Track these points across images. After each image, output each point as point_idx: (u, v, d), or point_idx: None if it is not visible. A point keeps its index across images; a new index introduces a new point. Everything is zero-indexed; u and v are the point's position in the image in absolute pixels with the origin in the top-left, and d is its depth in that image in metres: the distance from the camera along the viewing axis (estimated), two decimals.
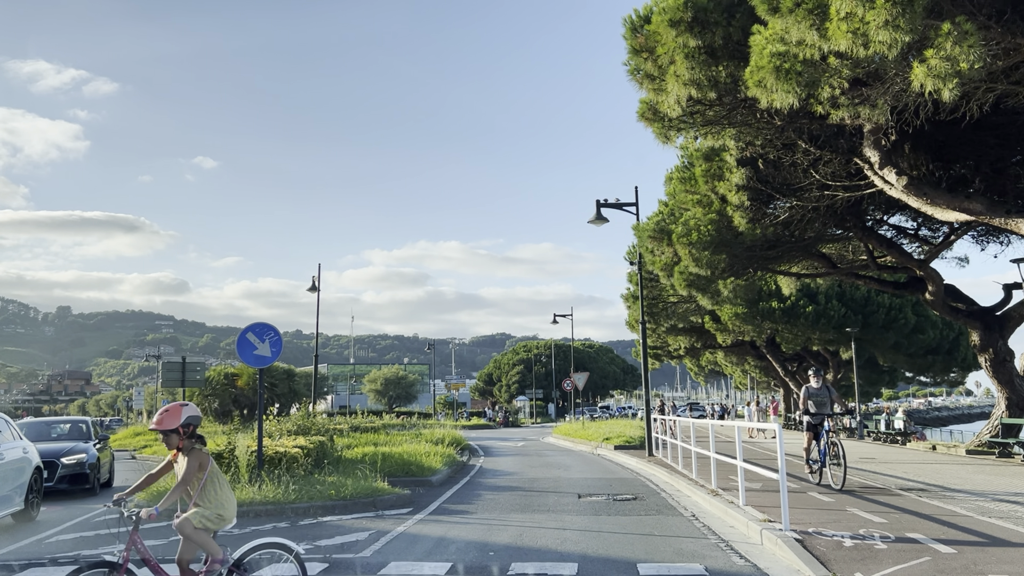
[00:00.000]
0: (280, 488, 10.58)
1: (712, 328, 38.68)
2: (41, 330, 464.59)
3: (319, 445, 13.39)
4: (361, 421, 27.09)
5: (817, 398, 12.85)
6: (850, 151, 17.23)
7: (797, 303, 37.00)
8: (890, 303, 37.92)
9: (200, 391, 46.59)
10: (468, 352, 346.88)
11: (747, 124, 16.54)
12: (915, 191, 14.49)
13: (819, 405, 12.81)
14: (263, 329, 11.32)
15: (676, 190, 20.74)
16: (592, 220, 21.64)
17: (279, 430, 14.98)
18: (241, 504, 10.28)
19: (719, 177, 18.78)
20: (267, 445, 12.18)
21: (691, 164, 20.55)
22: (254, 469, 11.02)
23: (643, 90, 14.48)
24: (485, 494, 12.88)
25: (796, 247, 20.99)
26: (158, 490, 11.13)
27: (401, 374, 72.93)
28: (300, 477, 11.38)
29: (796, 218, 18.71)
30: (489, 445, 29.33)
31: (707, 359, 60.12)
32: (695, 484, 13.17)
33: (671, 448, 18.29)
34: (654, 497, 12.41)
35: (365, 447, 17.38)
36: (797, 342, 38.59)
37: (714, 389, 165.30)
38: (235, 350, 11.45)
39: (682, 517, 10.19)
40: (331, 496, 10.63)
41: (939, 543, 7.42)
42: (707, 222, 18.67)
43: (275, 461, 11.36)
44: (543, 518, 10.10)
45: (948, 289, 23.21)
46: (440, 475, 14.87)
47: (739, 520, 9.27)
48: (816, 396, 12.86)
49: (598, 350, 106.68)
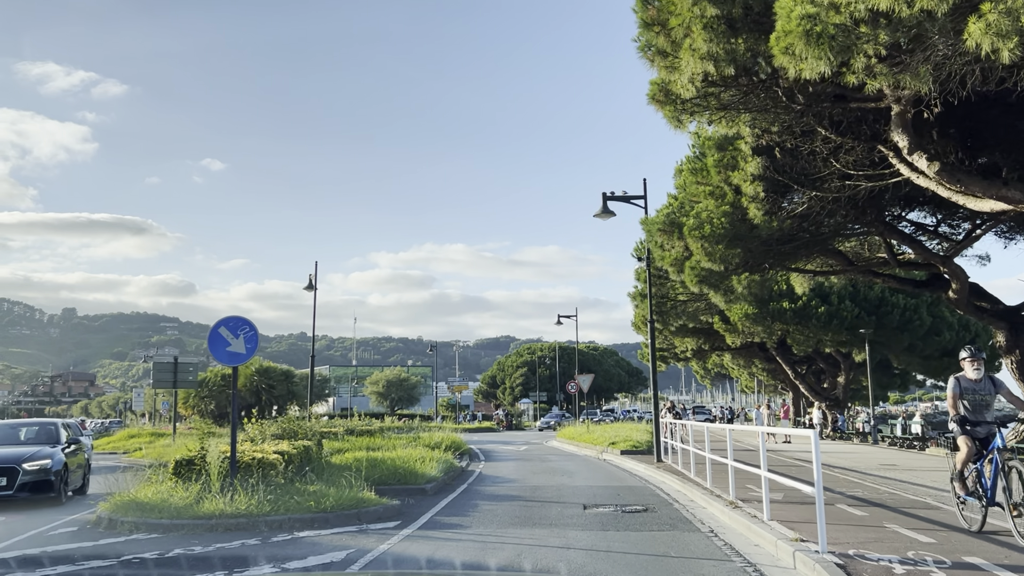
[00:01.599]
0: (254, 499, 9.57)
1: (721, 329, 37.59)
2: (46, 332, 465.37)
3: (303, 450, 12.38)
4: (357, 424, 26.09)
5: (975, 396, 8.23)
6: (873, 138, 16.18)
7: (809, 303, 35.90)
8: (905, 304, 36.79)
9: (196, 392, 45.75)
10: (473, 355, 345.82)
11: (764, 109, 15.52)
12: (948, 178, 13.42)
13: (978, 408, 8.23)
14: (237, 323, 10.31)
15: (686, 182, 19.70)
16: (598, 214, 20.63)
17: (263, 434, 13.97)
18: (209, 517, 9.27)
19: (733, 167, 17.74)
20: (244, 451, 11.17)
21: (703, 154, 19.52)
22: (227, 477, 10.01)
23: (654, 68, 13.47)
24: (482, 504, 11.84)
25: (813, 241, 19.93)
26: (122, 500, 10.15)
27: (403, 376, 71.95)
28: (279, 486, 10.37)
29: (815, 210, 17.65)
30: (490, 449, 28.29)
31: (714, 362, 59.05)
32: (710, 494, 12.12)
33: (682, 454, 17.24)
34: (666, 509, 11.36)
35: (356, 452, 16.36)
36: (808, 344, 37.46)
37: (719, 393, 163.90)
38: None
39: (699, 533, 9.14)
40: (310, 508, 9.61)
41: (1004, 570, 6.36)
42: (720, 214, 17.63)
43: (251, 468, 10.35)
44: (545, 534, 9.06)
45: (972, 288, 22.12)
46: (435, 483, 13.84)
47: (765, 538, 8.22)
48: (974, 393, 8.23)
49: (603, 352, 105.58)
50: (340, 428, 23.36)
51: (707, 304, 22.44)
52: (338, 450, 16.65)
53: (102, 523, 9.80)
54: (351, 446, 18.78)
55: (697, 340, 44.71)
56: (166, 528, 9.20)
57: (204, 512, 9.31)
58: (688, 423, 17.23)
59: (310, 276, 31.42)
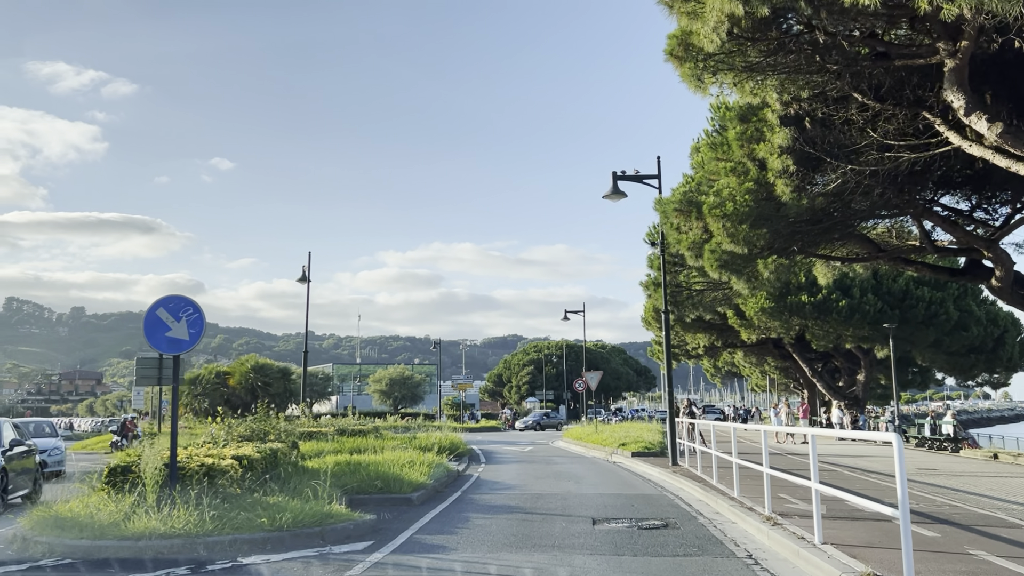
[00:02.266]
0: (195, 514, 7.91)
1: (736, 324, 35.83)
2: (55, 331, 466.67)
3: (269, 455, 10.73)
4: (351, 423, 24.45)
5: None
6: (917, 103, 14.42)
7: (829, 297, 34.09)
8: (930, 297, 34.89)
9: (190, 390, 44.25)
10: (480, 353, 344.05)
11: (796, 70, 13.81)
12: (1013, 140, 11.65)
13: None
14: (179, 304, 8.66)
15: (705, 159, 17.97)
16: (608, 195, 18.91)
17: (230, 434, 12.34)
18: (138, 537, 7.62)
19: (758, 139, 16.02)
20: (193, 455, 9.53)
21: (723, 127, 17.79)
22: (166, 488, 8.37)
23: (673, 16, 11.79)
24: (475, 518, 10.16)
25: (844, 223, 18.18)
26: (42, 515, 8.51)
27: (407, 374, 70.34)
28: (232, 498, 8.73)
29: (849, 187, 15.85)
30: (492, 450, 26.61)
31: (725, 359, 57.22)
32: (740, 506, 10.41)
33: (701, 457, 15.52)
34: (690, 524, 9.66)
35: (339, 455, 14.72)
36: (828, 339, 35.61)
37: (728, 392, 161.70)
38: (245, 350, 8.91)
39: (736, 559, 7.44)
40: (262, 526, 7.95)
41: None
42: (744, 192, 15.90)
43: (199, 477, 8.70)
44: (545, 560, 7.38)
45: (1016, 276, 20.30)
46: (423, 491, 12.16)
47: (824, 570, 6.51)
48: None
49: (611, 351, 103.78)
50: (331, 428, 21.69)
51: (725, 294, 20.71)
52: (318, 452, 15.00)
53: (16, 542, 8.18)
54: (339, 447, 17.14)
55: (709, 336, 42.90)
56: (85, 550, 7.56)
57: (132, 532, 7.67)
58: (710, 423, 15.49)
59: (303, 268, 29.83)
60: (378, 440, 19.49)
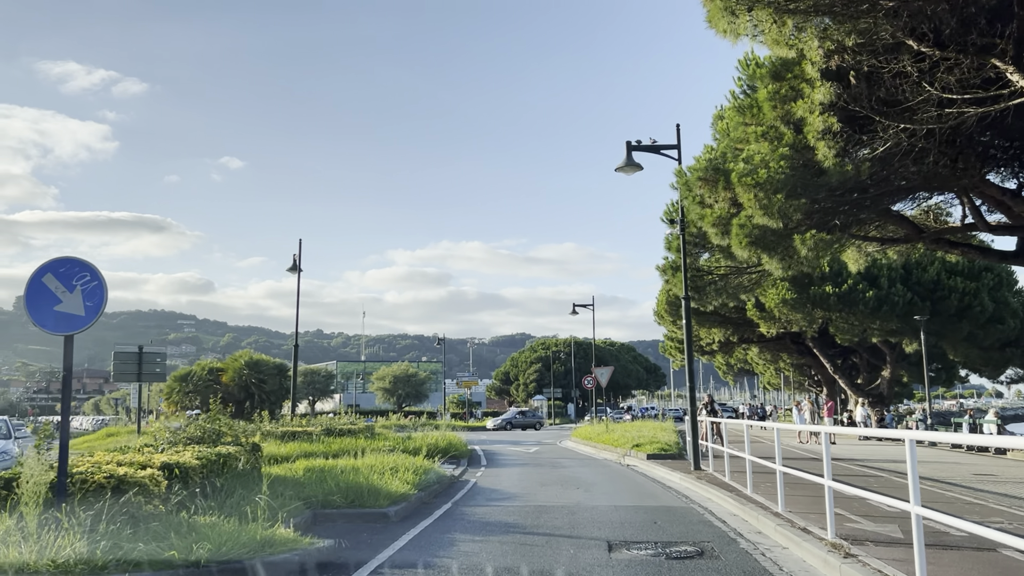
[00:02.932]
0: (82, 543, 5.96)
1: (756, 316, 33.75)
2: None
3: (211, 462, 8.77)
4: (341, 422, 22.52)
5: None
6: (984, 50, 12.36)
7: (855, 287, 31.95)
8: (964, 287, 32.67)
9: (180, 387, 42.43)
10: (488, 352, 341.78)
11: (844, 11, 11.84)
12: None
13: None
14: (71, 268, 6.66)
15: (731, 125, 15.92)
16: (621, 166, 16.91)
17: (177, 436, 10.42)
18: None
19: (794, 97, 14.00)
20: (102, 465, 7.58)
21: (752, 88, 15.74)
22: (53, 505, 6.42)
23: None
24: (462, 542, 8.18)
25: (886, 196, 16.13)
26: None
27: (411, 371, 68.39)
28: (150, 517, 6.80)
29: (901, 150, 13.79)
30: (495, 451, 24.63)
31: (738, 356, 55.13)
32: (790, 526, 8.39)
33: (729, 461, 13.49)
34: (731, 551, 7.65)
35: (313, 460, 12.77)
36: (854, 333, 33.44)
37: (739, 390, 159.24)
38: (253, 348, 7.03)
39: None
40: (170, 561, 5.99)
41: None
42: (778, 158, 13.86)
43: (102, 491, 6.76)
44: None
45: None
46: (404, 503, 10.19)
47: None
48: None
49: (620, 348, 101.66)
50: (318, 428, 19.77)
51: (752, 278, 18.67)
52: (285, 456, 13.06)
53: None
54: (323, 450, 15.23)
55: (725, 331, 40.83)
56: None
57: None
58: (742, 423, 13.46)
59: (294, 256, 27.88)
60: (369, 441, 17.57)
